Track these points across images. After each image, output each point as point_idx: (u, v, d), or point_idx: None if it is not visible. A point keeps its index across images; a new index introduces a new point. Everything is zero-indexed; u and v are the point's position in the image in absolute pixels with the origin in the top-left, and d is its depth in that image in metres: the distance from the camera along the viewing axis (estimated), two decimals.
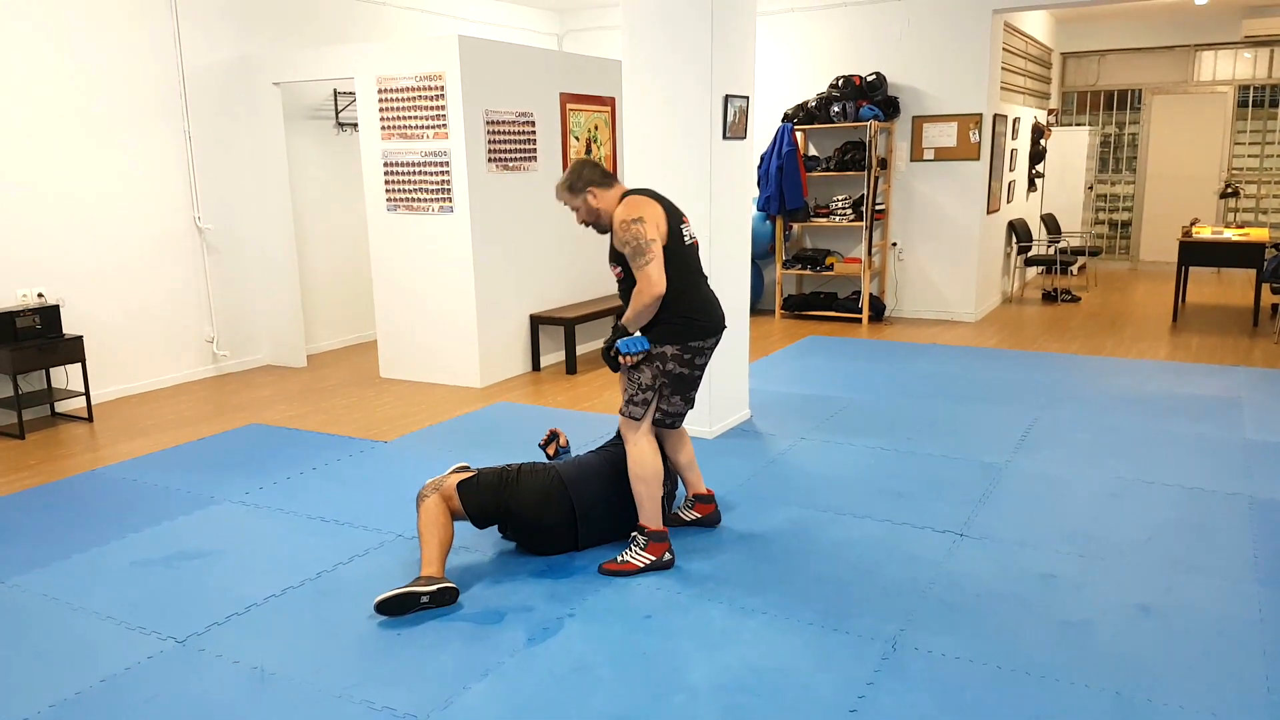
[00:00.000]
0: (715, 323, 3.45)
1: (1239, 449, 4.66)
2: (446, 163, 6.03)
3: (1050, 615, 3.03)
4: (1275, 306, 8.49)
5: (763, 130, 8.49)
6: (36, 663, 2.88)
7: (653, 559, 3.41)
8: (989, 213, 8.46)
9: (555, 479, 3.50)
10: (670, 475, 3.79)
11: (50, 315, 5.53)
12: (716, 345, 3.51)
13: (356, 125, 6.89)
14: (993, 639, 2.89)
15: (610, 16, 9.78)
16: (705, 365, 3.50)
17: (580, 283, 7.23)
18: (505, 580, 3.36)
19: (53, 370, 5.75)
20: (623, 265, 3.36)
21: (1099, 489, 4.16)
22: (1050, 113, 11.21)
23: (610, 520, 3.59)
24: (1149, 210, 11.69)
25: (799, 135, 8.58)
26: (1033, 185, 10.46)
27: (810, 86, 8.67)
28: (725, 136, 4.78)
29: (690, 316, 3.37)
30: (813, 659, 2.80)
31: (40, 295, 5.67)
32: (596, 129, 7.22)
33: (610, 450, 3.73)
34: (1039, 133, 10.27)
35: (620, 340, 3.35)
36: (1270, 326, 7.85)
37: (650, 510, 3.44)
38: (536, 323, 6.71)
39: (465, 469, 3.51)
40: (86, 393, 5.65)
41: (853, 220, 8.40)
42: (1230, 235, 8.19)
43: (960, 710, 2.53)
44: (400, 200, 6.28)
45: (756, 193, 8.37)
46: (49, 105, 5.65)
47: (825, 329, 8.17)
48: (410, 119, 6.10)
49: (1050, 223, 10.54)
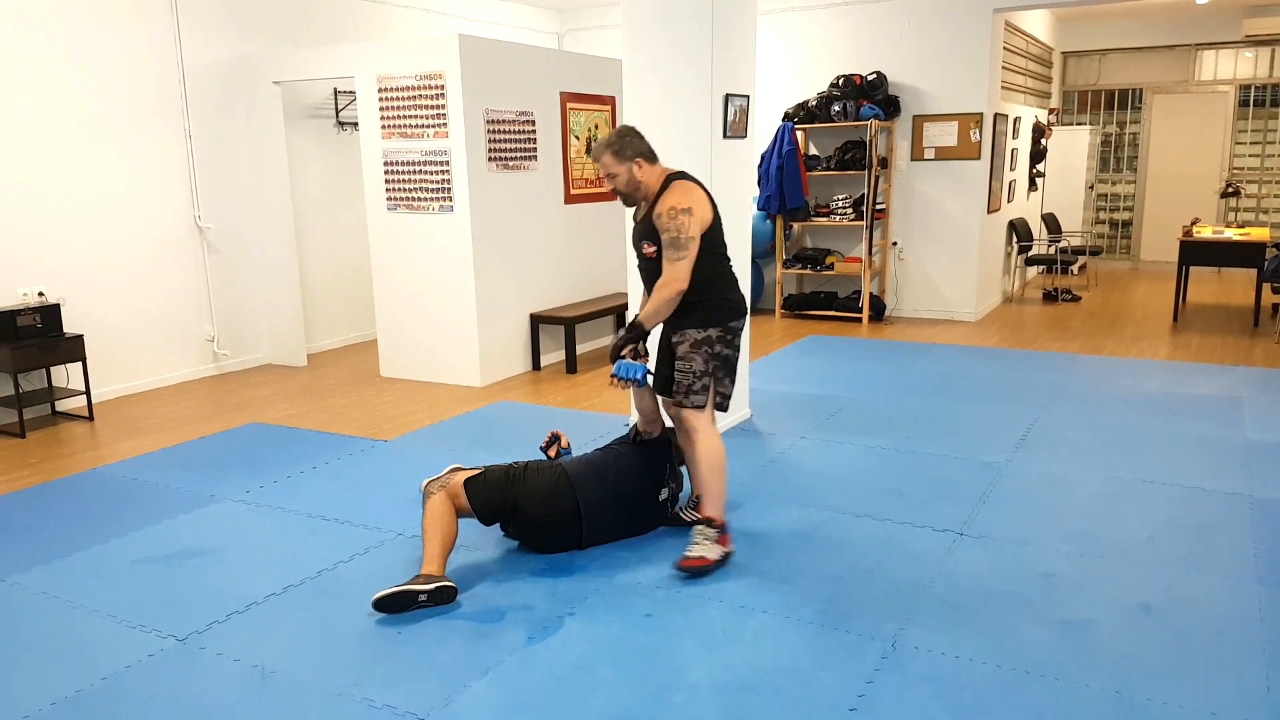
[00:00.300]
0: (744, 302, 3.54)
1: (1239, 449, 4.66)
2: (447, 162, 6.03)
3: (1050, 614, 3.03)
4: (1276, 306, 8.49)
5: (763, 129, 8.47)
6: (37, 661, 2.88)
7: (724, 551, 3.40)
8: (989, 212, 8.46)
9: (562, 475, 3.50)
10: (677, 475, 3.80)
11: (51, 314, 5.54)
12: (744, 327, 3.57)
13: (356, 124, 6.89)
14: (993, 638, 2.89)
15: (610, 16, 9.78)
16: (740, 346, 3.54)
17: (580, 282, 7.23)
18: (506, 579, 3.36)
19: (53, 369, 5.75)
20: (658, 245, 3.34)
21: (1099, 488, 4.16)
22: (1051, 112, 11.21)
23: (613, 519, 3.59)
24: (1149, 210, 11.68)
25: (799, 134, 8.58)
26: (1033, 185, 10.45)
27: (811, 85, 8.67)
28: (725, 135, 4.78)
29: (729, 298, 3.43)
30: (813, 658, 2.80)
31: (41, 294, 5.67)
32: (597, 128, 7.22)
33: (616, 449, 3.73)
34: (1039, 132, 10.27)
35: (620, 364, 3.36)
36: (1271, 326, 7.85)
37: (720, 502, 3.41)
38: (537, 322, 6.71)
39: (459, 470, 3.49)
40: (87, 391, 5.65)
41: (853, 220, 8.39)
42: (1231, 235, 8.19)
43: (960, 709, 2.53)
44: (400, 199, 6.28)
45: (757, 192, 8.37)
46: (49, 105, 5.66)
47: (825, 328, 8.17)
48: (410, 118, 6.10)
49: (1051, 222, 10.53)
